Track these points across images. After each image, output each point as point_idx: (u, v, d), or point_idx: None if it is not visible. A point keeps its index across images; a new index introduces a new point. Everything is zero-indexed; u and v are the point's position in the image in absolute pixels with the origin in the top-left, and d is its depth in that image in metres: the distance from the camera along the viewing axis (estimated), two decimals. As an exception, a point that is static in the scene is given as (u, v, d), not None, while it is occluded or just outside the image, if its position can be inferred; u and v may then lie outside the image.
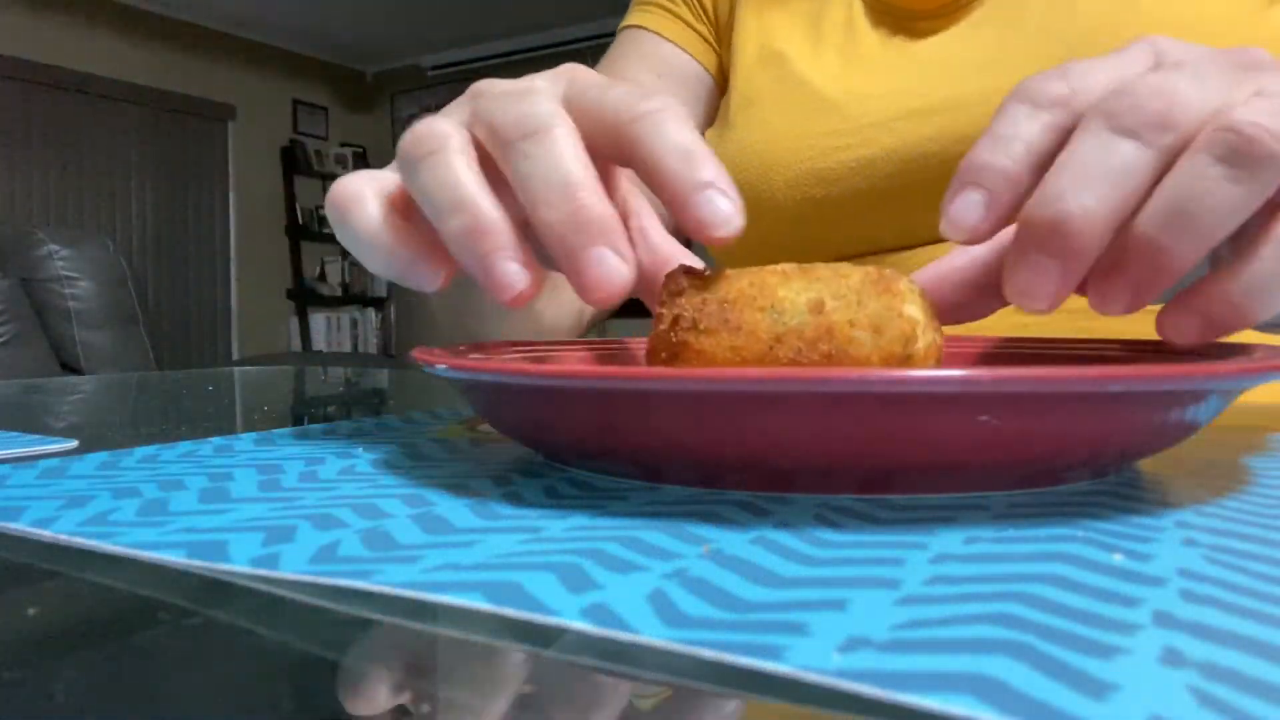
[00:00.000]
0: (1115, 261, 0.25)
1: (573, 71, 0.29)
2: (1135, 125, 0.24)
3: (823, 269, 0.25)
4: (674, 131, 0.26)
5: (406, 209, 0.29)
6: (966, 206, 0.25)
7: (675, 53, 0.68)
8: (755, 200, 0.56)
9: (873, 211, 0.56)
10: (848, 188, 0.55)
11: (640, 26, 0.69)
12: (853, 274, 0.25)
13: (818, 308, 0.25)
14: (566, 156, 0.26)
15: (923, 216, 0.54)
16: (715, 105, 0.68)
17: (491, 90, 0.29)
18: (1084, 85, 0.25)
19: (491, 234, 0.26)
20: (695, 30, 0.68)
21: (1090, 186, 0.23)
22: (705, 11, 0.68)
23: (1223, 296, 0.25)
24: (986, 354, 0.34)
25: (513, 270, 0.26)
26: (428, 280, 0.29)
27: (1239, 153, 0.23)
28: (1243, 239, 0.25)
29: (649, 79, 0.67)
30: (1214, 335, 0.26)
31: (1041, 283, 0.24)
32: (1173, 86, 0.24)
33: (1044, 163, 0.25)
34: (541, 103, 0.27)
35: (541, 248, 0.27)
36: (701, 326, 0.26)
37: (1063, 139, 0.25)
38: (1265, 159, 0.23)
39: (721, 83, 0.68)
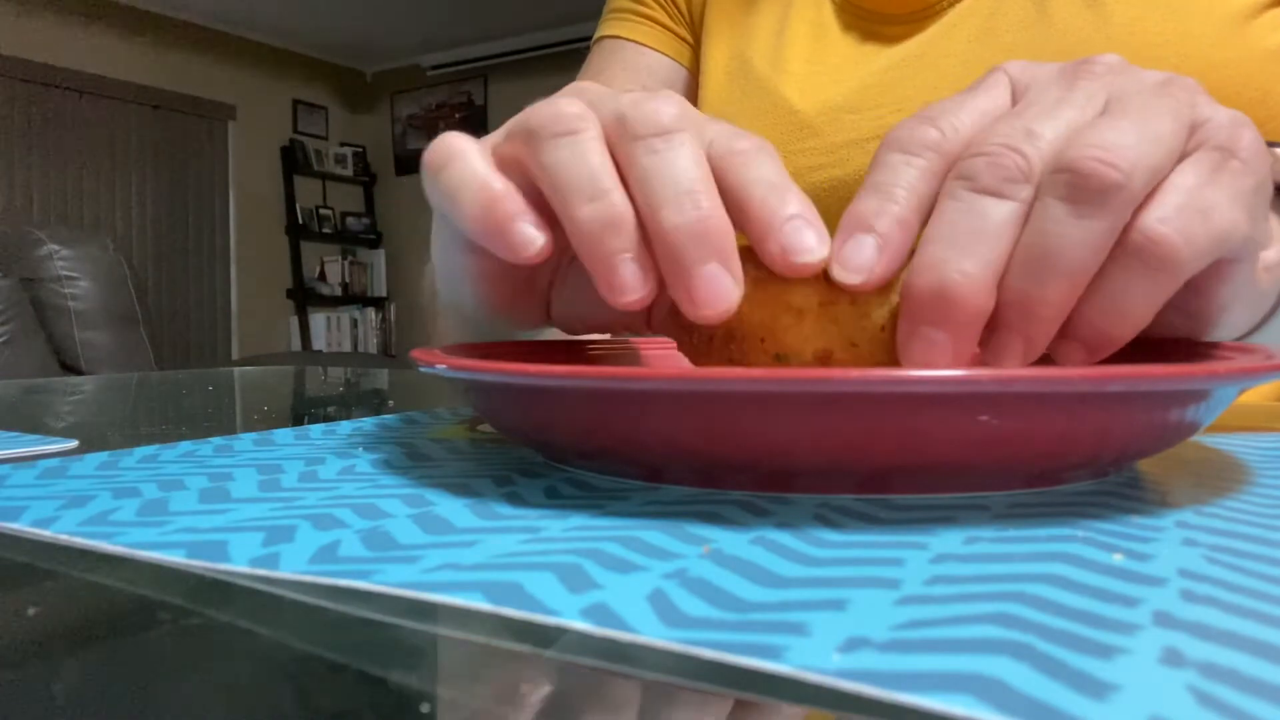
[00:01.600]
0: (1001, 319, 0.24)
1: (675, 99, 0.28)
2: (994, 184, 0.23)
3: (845, 305, 0.25)
4: (766, 166, 0.25)
5: (512, 175, 0.28)
6: (858, 248, 0.24)
7: (659, 60, 0.67)
8: None
9: None
10: (822, 209, 0.55)
11: (618, 37, 0.68)
12: (876, 312, 0.25)
13: (824, 358, 0.25)
14: (695, 161, 0.25)
15: None
16: None
17: (602, 90, 0.28)
18: (951, 128, 0.25)
19: (624, 231, 0.25)
20: (674, 33, 0.67)
21: (963, 251, 0.23)
22: (680, 11, 0.67)
23: (1085, 320, 0.25)
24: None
25: (638, 274, 0.25)
26: (527, 243, 0.26)
27: (1080, 190, 0.23)
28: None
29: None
30: (1096, 357, 0.25)
31: (935, 355, 0.24)
32: (1024, 132, 0.24)
33: (926, 207, 0.25)
34: (668, 107, 0.26)
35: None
36: (709, 357, 0.26)
37: (938, 185, 0.25)
38: (1108, 190, 0.23)
39: None
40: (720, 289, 0.24)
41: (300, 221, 5.08)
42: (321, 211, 5.23)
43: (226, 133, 4.76)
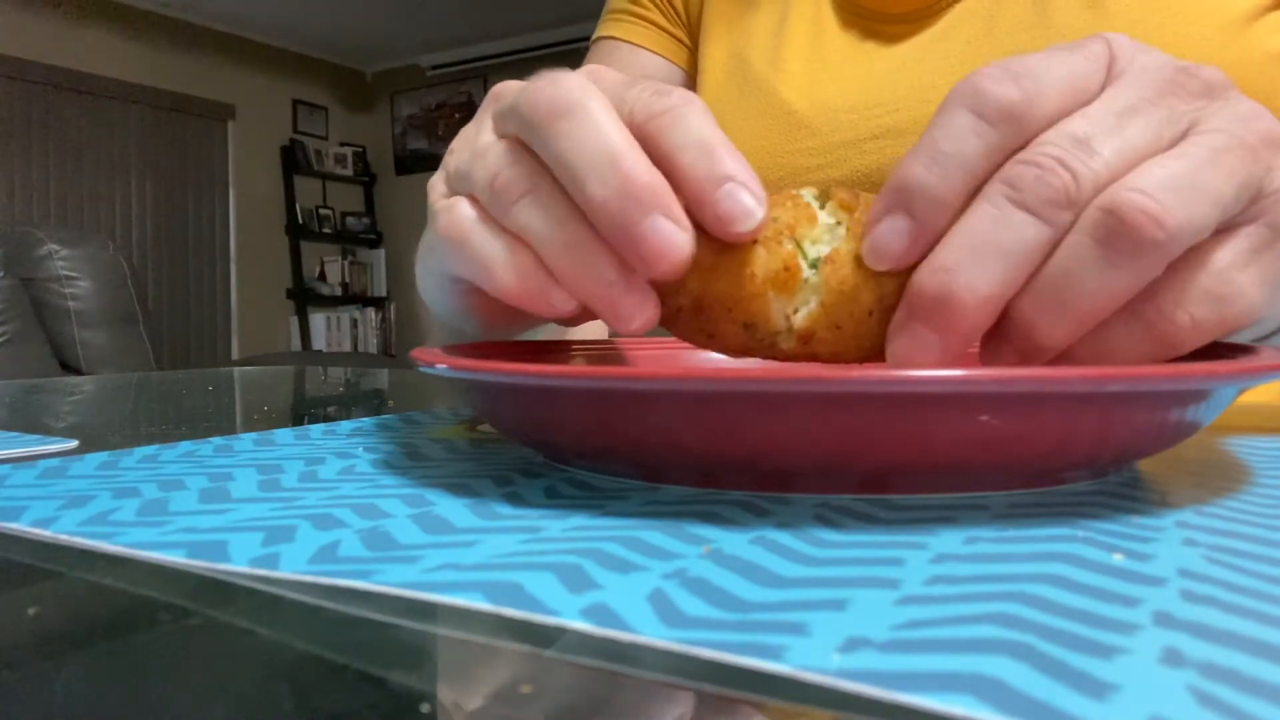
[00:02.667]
0: (1002, 331, 0.24)
1: (592, 70, 0.28)
2: (1036, 203, 0.22)
3: (833, 287, 0.24)
4: (695, 126, 0.25)
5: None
6: (893, 234, 0.24)
7: (655, 61, 0.67)
8: None
9: None
10: None
11: (614, 38, 0.68)
12: (864, 297, 0.24)
13: (807, 338, 0.25)
14: (607, 127, 0.25)
15: None
16: None
17: (510, 87, 0.28)
18: (1039, 94, 0.23)
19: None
20: (670, 33, 0.67)
21: (981, 265, 0.23)
22: (677, 12, 0.67)
23: (1072, 352, 0.24)
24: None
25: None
26: (564, 303, 0.27)
27: (1117, 237, 0.22)
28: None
29: None
30: (1028, 360, 0.25)
31: (921, 355, 0.24)
32: (1084, 146, 0.23)
33: (979, 183, 0.24)
34: (570, 83, 0.26)
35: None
36: (678, 324, 0.26)
37: (1001, 161, 0.23)
38: (1144, 246, 0.22)
39: None
40: (666, 240, 0.24)
41: (300, 221, 5.08)
42: (321, 211, 5.23)
43: (226, 133, 4.76)
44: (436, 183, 0.31)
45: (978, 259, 0.23)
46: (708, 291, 0.25)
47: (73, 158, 4.07)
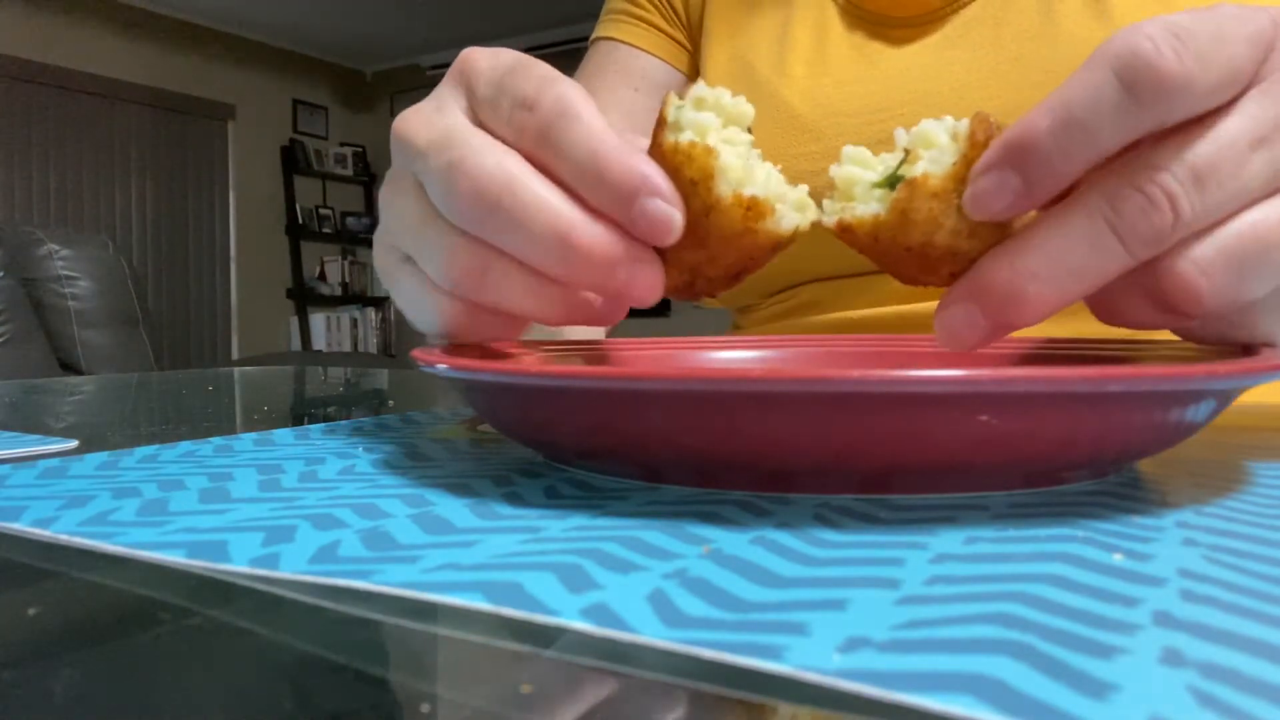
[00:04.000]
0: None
1: (468, 79, 0.28)
2: (1131, 236, 0.22)
3: (895, 207, 0.25)
4: (574, 143, 0.24)
5: None
6: (998, 189, 0.23)
7: (652, 63, 0.67)
8: None
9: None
10: None
11: (612, 39, 0.68)
12: (915, 235, 0.25)
13: (846, 228, 0.26)
14: (544, 205, 0.25)
15: None
16: None
17: (414, 141, 0.28)
18: (1198, 76, 0.22)
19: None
20: (669, 35, 0.67)
21: (1059, 283, 0.23)
22: (677, 14, 0.67)
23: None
24: (987, 354, 0.34)
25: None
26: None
27: (1162, 304, 0.23)
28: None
29: (626, 94, 0.65)
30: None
31: (967, 335, 0.24)
32: (1196, 182, 0.22)
33: (1105, 159, 0.23)
34: (486, 164, 0.25)
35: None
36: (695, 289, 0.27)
37: (1137, 137, 0.22)
38: (1182, 312, 0.23)
39: None
40: (643, 279, 0.25)
41: (300, 221, 5.08)
42: (321, 211, 5.23)
43: (226, 133, 4.76)
44: (381, 241, 0.31)
45: (1059, 276, 0.23)
46: (705, 270, 0.26)
47: (73, 158, 4.07)
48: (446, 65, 0.31)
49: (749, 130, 0.26)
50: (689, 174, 0.24)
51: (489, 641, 0.15)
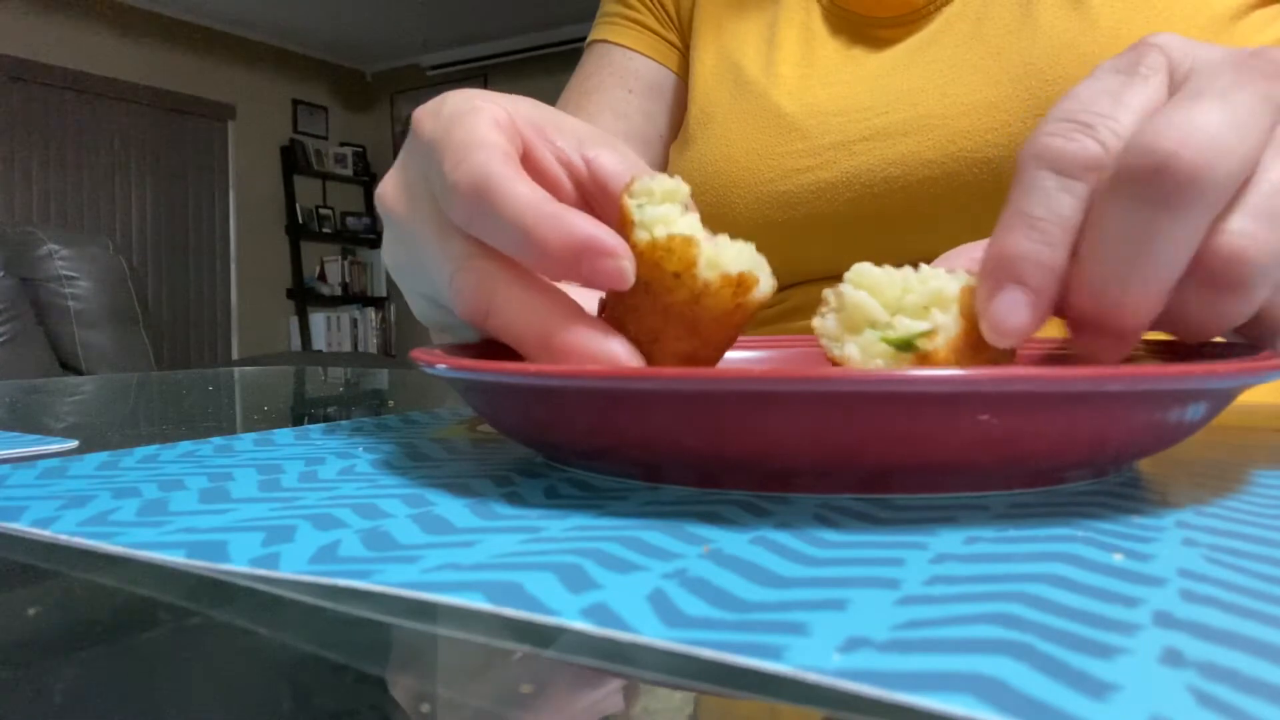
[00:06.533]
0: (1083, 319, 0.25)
1: (415, 144, 0.29)
2: (1164, 197, 0.22)
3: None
4: (506, 215, 0.25)
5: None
6: (1012, 308, 0.23)
7: (646, 65, 0.67)
8: (715, 221, 0.55)
9: (836, 237, 0.55)
10: (809, 212, 0.55)
11: (607, 41, 0.68)
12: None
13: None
14: (529, 318, 0.26)
15: (886, 242, 0.53)
16: None
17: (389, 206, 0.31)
18: (1113, 136, 0.23)
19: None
20: (663, 37, 0.67)
21: (1135, 275, 0.23)
22: (669, 15, 0.68)
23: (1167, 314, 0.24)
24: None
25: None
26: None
27: (1219, 277, 0.23)
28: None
29: (621, 95, 0.66)
30: (1122, 342, 0.25)
31: (1102, 351, 0.25)
32: (1201, 136, 0.22)
33: (1078, 233, 0.24)
34: (469, 286, 0.27)
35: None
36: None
37: (1092, 203, 0.23)
38: (1249, 279, 0.23)
39: None
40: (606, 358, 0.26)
41: (300, 221, 5.08)
42: (321, 211, 5.23)
43: (226, 133, 4.76)
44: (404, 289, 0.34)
45: (1132, 269, 0.23)
46: (700, 357, 0.27)
47: (73, 157, 4.07)
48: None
49: (686, 206, 0.26)
50: (671, 267, 0.25)
51: (489, 641, 0.15)
